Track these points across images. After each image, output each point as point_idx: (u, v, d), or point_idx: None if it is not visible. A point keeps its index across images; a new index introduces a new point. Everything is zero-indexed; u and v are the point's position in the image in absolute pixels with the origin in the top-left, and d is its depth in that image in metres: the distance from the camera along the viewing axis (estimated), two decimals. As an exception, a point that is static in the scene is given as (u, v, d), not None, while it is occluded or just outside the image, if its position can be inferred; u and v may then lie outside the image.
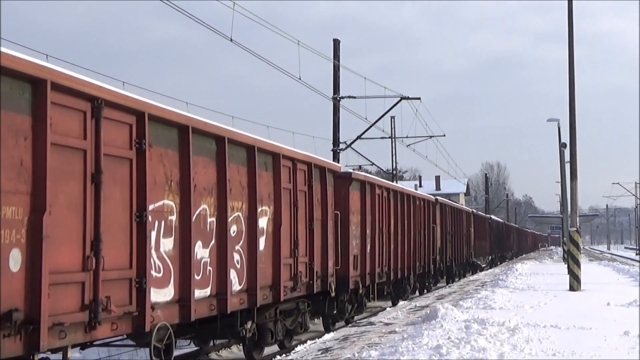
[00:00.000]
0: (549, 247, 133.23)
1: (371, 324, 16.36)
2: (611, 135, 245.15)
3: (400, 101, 32.67)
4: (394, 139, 45.82)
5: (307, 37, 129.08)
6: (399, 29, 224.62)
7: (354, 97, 30.64)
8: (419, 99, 33.66)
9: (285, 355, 12.65)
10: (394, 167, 48.36)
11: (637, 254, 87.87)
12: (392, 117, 46.72)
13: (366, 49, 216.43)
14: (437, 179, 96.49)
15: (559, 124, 48.78)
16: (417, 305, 20.82)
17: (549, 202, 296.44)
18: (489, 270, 44.49)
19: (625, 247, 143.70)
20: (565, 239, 39.14)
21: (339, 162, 28.38)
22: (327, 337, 14.55)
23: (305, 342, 14.19)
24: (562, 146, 38.65)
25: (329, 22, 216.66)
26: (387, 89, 31.97)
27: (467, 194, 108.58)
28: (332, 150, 29.90)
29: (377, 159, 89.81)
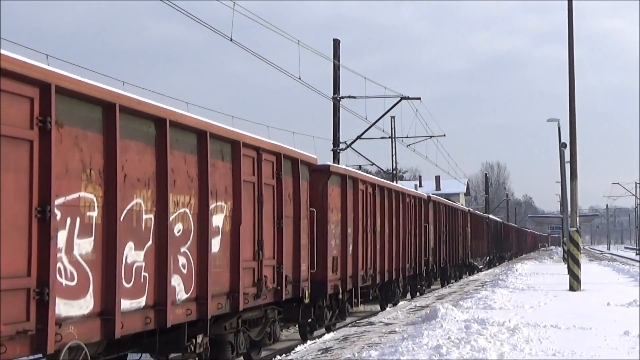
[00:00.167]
0: (549, 247, 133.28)
1: (371, 324, 16.38)
2: (611, 135, 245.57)
3: (400, 101, 32.70)
4: (394, 139, 45.86)
5: (307, 37, 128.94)
6: (399, 29, 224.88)
7: (354, 97, 30.66)
8: (419, 99, 33.70)
9: (285, 355, 12.66)
10: (394, 167, 48.40)
11: (637, 254, 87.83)
12: (392, 117, 46.80)
13: (366, 49, 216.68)
14: (437, 179, 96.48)
15: (559, 124, 48.84)
16: (417, 305, 20.84)
17: (549, 202, 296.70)
18: (488, 270, 44.47)
19: (625, 247, 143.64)
20: (565, 239, 39.14)
21: (339, 162, 28.29)
22: (327, 337, 14.57)
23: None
24: (562, 146, 38.64)
25: (329, 22, 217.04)
26: (387, 89, 32.02)
27: (467, 194, 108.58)
28: (332, 150, 29.91)
29: (377, 159, 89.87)
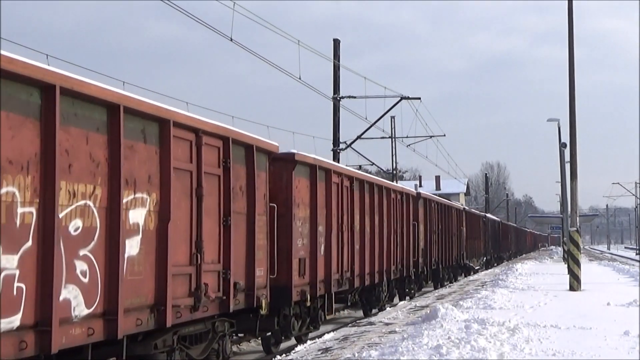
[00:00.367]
0: (549, 247, 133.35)
1: (371, 323, 16.38)
2: (611, 135, 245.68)
3: (400, 101, 32.73)
4: (394, 139, 45.88)
5: (307, 37, 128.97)
6: (399, 29, 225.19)
7: (354, 97, 30.70)
8: (419, 98, 33.73)
9: (285, 355, 12.66)
10: (394, 167, 48.41)
11: (637, 254, 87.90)
12: (392, 117, 46.82)
13: (366, 49, 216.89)
14: (437, 179, 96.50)
15: (559, 124, 48.87)
16: (417, 305, 20.85)
17: (549, 202, 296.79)
18: (488, 271, 44.47)
19: (625, 247, 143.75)
20: (565, 239, 39.16)
21: (339, 162, 28.27)
22: (327, 337, 14.56)
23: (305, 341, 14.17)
24: (562, 146, 38.66)
25: (329, 22, 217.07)
26: (387, 89, 32.06)
27: (467, 194, 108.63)
28: (332, 150, 29.93)
29: (377, 159, 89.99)
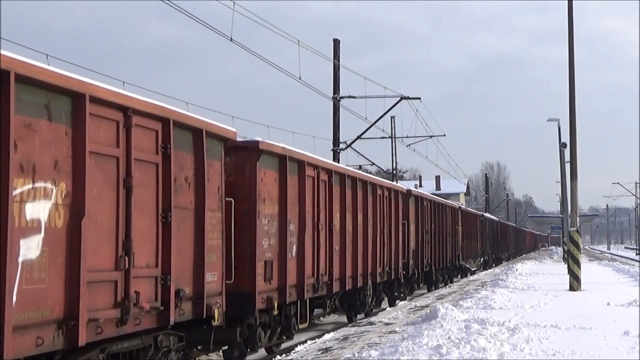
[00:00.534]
0: (549, 247, 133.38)
1: (371, 323, 16.38)
2: (611, 135, 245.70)
3: (400, 101, 32.74)
4: (394, 139, 45.90)
5: (307, 37, 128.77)
6: (399, 29, 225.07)
7: (354, 97, 30.71)
8: (419, 98, 33.74)
9: (285, 355, 12.65)
10: (394, 167, 48.42)
11: (637, 254, 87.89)
12: (392, 117, 46.84)
13: (366, 49, 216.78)
14: (437, 179, 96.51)
15: (559, 124, 48.87)
16: (417, 305, 20.86)
17: (549, 202, 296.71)
18: (488, 271, 44.47)
19: (625, 247, 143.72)
20: (565, 239, 39.16)
21: (339, 162, 28.28)
22: (327, 337, 14.57)
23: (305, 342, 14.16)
24: (562, 146, 38.66)
25: (329, 22, 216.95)
26: (387, 89, 32.08)
27: (467, 194, 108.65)
28: (332, 150, 29.93)
29: (377, 159, 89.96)
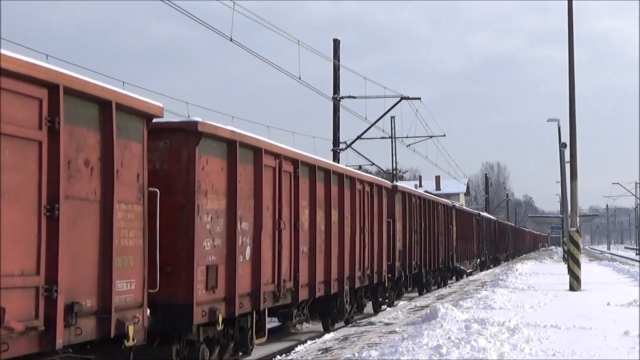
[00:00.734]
0: (549, 247, 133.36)
1: (371, 324, 16.38)
2: (611, 135, 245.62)
3: (400, 101, 32.73)
4: (394, 139, 45.93)
5: (307, 37, 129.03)
6: (399, 29, 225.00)
7: (354, 97, 30.70)
8: (419, 99, 33.73)
9: (285, 355, 12.65)
10: (394, 167, 48.44)
11: (637, 254, 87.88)
12: (392, 117, 46.90)
13: (366, 49, 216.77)
14: (437, 179, 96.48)
15: (559, 124, 48.89)
16: (417, 305, 20.85)
17: (549, 202, 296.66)
18: (488, 271, 44.44)
19: (625, 247, 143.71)
20: (565, 239, 39.16)
21: (339, 162, 28.27)
22: (327, 337, 14.56)
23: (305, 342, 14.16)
24: (562, 146, 38.66)
25: (329, 22, 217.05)
26: (387, 89, 32.07)
27: (467, 194, 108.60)
28: (332, 150, 29.92)
29: (377, 159, 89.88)
